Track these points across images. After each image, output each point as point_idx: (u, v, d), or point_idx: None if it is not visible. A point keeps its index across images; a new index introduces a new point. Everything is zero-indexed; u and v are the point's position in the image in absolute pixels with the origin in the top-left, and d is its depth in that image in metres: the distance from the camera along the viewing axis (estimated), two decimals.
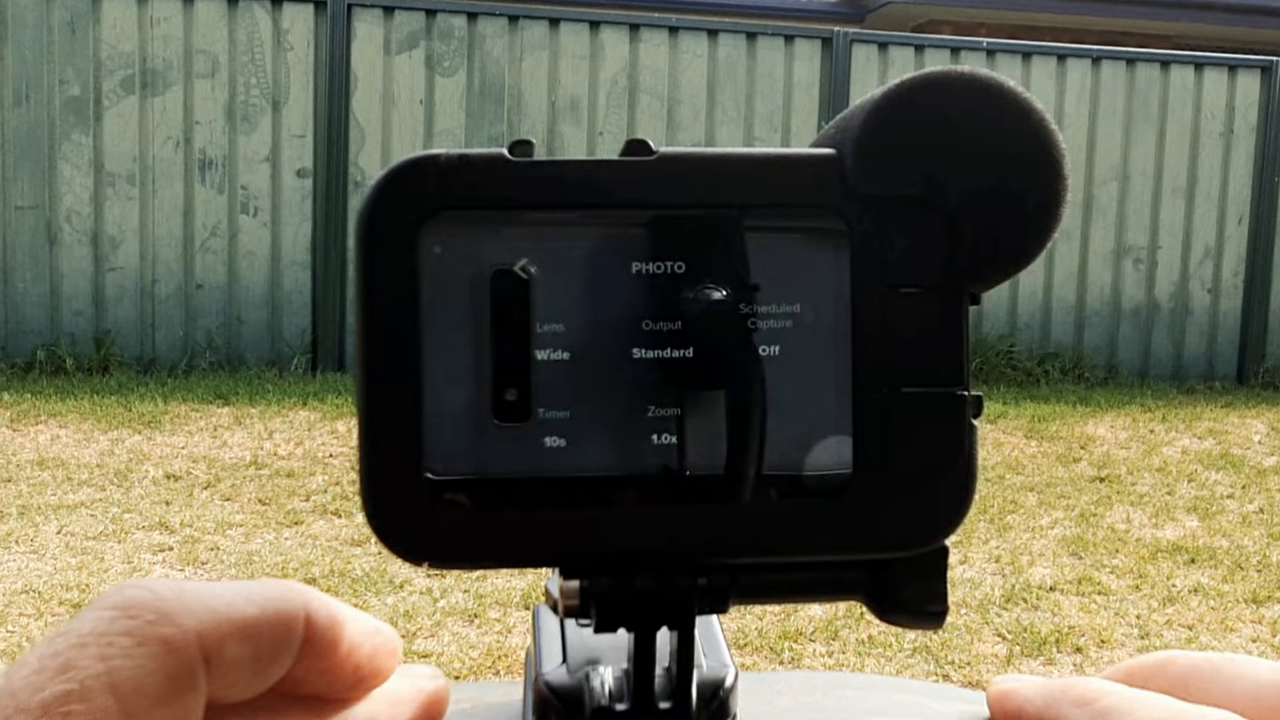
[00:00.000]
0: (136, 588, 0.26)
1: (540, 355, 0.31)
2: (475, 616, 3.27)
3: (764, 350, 0.31)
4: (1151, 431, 6.12)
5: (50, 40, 6.45)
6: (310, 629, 0.28)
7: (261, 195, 6.73)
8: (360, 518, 3.12)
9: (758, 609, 3.20)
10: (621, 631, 0.34)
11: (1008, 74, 0.35)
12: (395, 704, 0.31)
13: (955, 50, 7.50)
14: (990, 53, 7.49)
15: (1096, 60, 7.68)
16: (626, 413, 0.31)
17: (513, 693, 0.43)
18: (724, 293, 0.31)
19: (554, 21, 7.02)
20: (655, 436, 0.32)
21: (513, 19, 6.98)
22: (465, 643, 3.10)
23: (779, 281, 0.31)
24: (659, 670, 0.35)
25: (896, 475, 0.32)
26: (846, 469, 0.32)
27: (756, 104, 7.24)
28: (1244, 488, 5.07)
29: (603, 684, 0.36)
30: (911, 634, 3.12)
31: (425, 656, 2.98)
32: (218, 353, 6.68)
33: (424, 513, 0.31)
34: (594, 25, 7.08)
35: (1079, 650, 3.22)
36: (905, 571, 0.33)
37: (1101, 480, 5.10)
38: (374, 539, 0.31)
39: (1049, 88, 7.50)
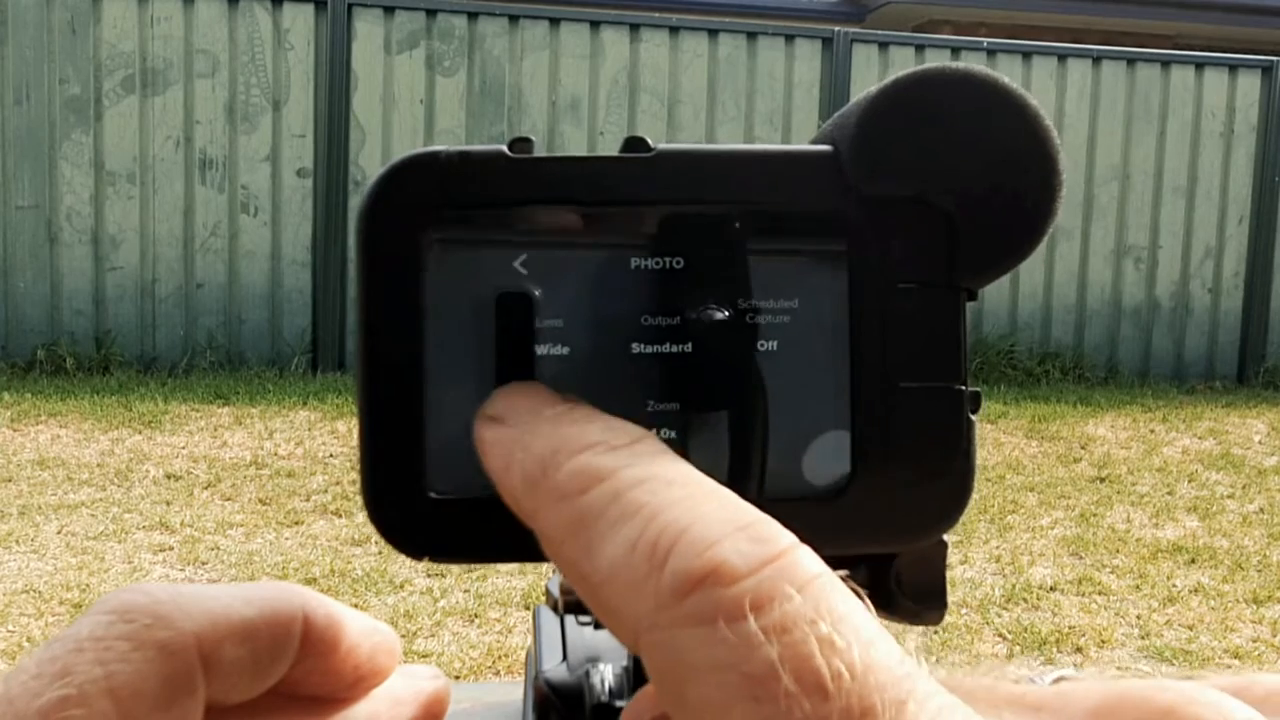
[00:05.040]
0: (133, 592, 0.26)
1: (540, 350, 0.31)
2: (475, 616, 3.27)
3: (762, 346, 0.31)
4: (1152, 431, 6.12)
5: (50, 40, 6.45)
6: (308, 630, 0.28)
7: (262, 195, 6.73)
8: (360, 517, 3.13)
9: None
10: None
11: (1008, 74, 0.35)
12: (396, 704, 0.31)
13: (955, 50, 7.50)
14: (990, 52, 7.49)
15: (1097, 60, 7.67)
16: (626, 407, 0.31)
17: (513, 693, 0.44)
18: (722, 289, 0.31)
19: (554, 21, 7.03)
20: (655, 431, 0.32)
21: (513, 19, 6.98)
22: (465, 642, 3.10)
23: (777, 277, 0.31)
24: None
25: (896, 470, 0.32)
26: (845, 464, 0.32)
27: (757, 103, 7.24)
28: (1244, 488, 5.07)
29: (603, 681, 0.36)
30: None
31: (425, 656, 2.98)
32: (218, 352, 6.68)
33: (423, 507, 0.31)
34: (594, 25, 7.08)
35: (1079, 650, 3.22)
36: (904, 567, 0.33)
37: (1102, 480, 5.10)
38: (375, 537, 0.31)
39: (1049, 87, 7.50)
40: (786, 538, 0.23)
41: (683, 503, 0.23)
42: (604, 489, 0.24)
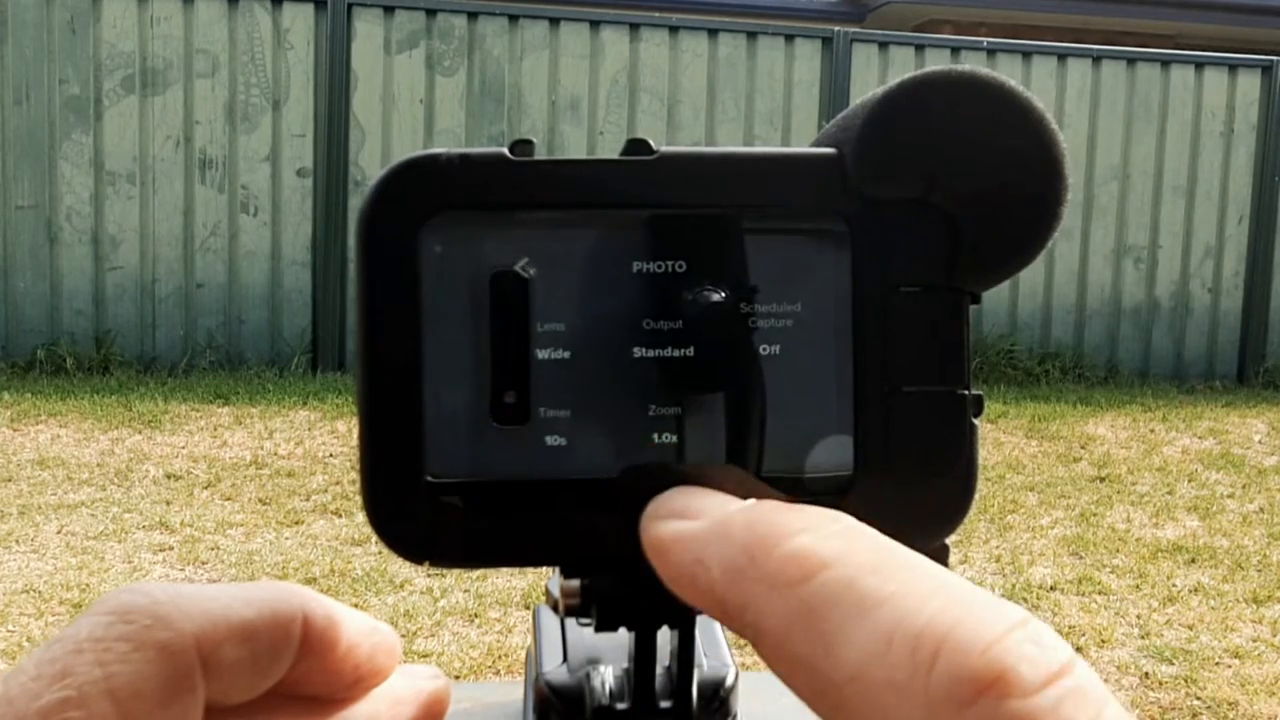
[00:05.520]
0: (133, 592, 0.26)
1: (541, 355, 0.31)
2: (475, 616, 3.27)
3: (764, 349, 0.31)
4: (1152, 431, 6.12)
5: (50, 40, 6.45)
6: (308, 630, 0.28)
7: (262, 195, 6.72)
8: (360, 517, 3.13)
9: None
10: (622, 631, 0.34)
11: (1008, 73, 0.35)
12: (396, 704, 0.31)
13: (955, 50, 7.50)
14: (991, 52, 7.49)
15: (1097, 60, 7.67)
16: (627, 412, 0.31)
17: (513, 693, 0.44)
18: (724, 292, 0.31)
19: (554, 21, 7.02)
20: (656, 435, 0.31)
21: (513, 18, 6.98)
22: (465, 642, 3.10)
23: (780, 281, 0.31)
24: (660, 669, 0.35)
25: (897, 474, 0.32)
26: (847, 469, 0.32)
27: (757, 103, 7.24)
28: (1244, 487, 5.07)
29: (603, 683, 0.36)
30: None
31: (425, 656, 2.98)
32: (218, 352, 6.68)
33: (424, 512, 0.31)
34: (594, 25, 7.08)
35: (1079, 650, 3.22)
36: None
37: (1102, 480, 5.10)
38: (375, 539, 0.31)
39: (1049, 87, 7.50)
40: (1065, 644, 0.21)
41: (935, 592, 0.21)
42: (834, 575, 0.22)
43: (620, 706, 0.35)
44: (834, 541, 0.23)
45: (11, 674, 0.25)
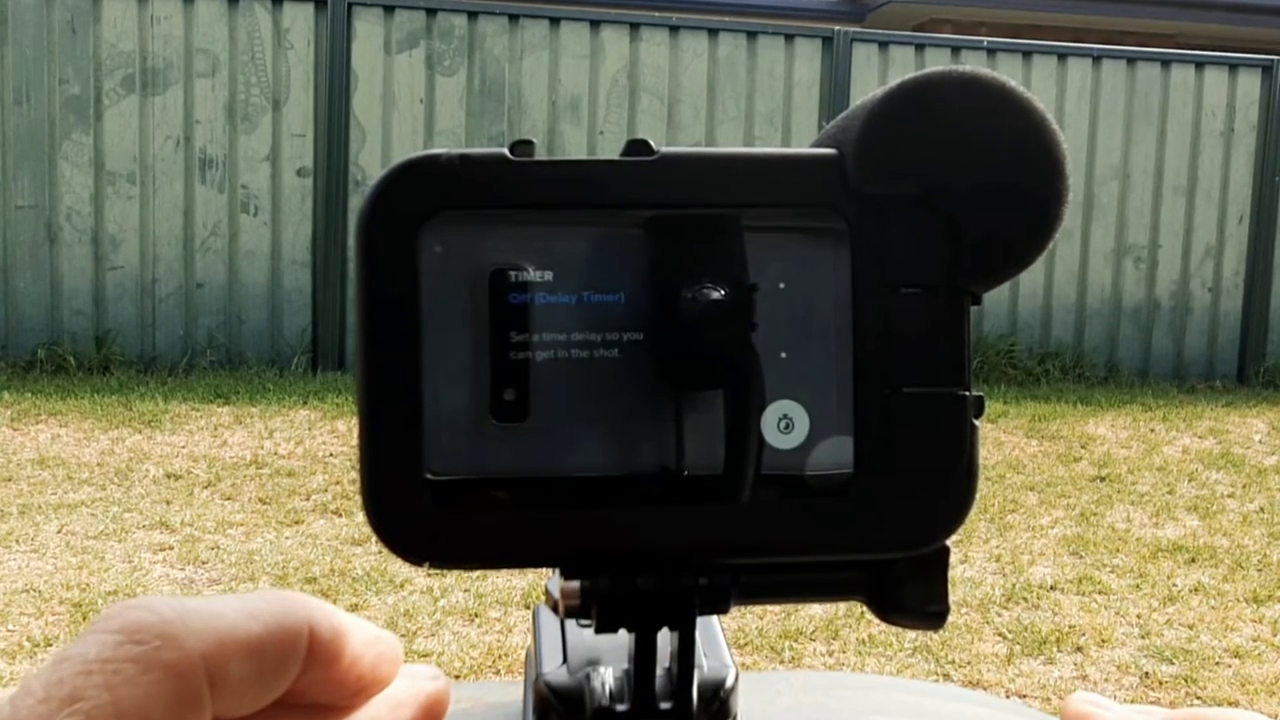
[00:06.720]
0: (139, 609, 0.26)
1: (540, 355, 0.31)
2: (475, 616, 3.27)
3: (764, 349, 0.31)
4: (1152, 431, 6.12)
5: (50, 39, 6.45)
6: (314, 642, 0.28)
7: (262, 194, 6.73)
8: (360, 517, 3.13)
9: (758, 609, 3.20)
10: (622, 632, 0.34)
11: (1008, 73, 0.35)
12: (396, 706, 0.31)
13: (956, 49, 7.50)
14: (991, 52, 7.49)
15: (1097, 59, 7.67)
16: (626, 412, 0.31)
17: (513, 693, 0.44)
18: (724, 292, 0.31)
19: (554, 21, 7.02)
20: (656, 434, 0.31)
21: (513, 18, 6.98)
22: (465, 642, 3.10)
23: (780, 281, 0.31)
24: (660, 670, 0.35)
25: (898, 475, 0.32)
26: (847, 469, 0.32)
27: (757, 103, 7.24)
28: (1244, 487, 5.07)
29: (603, 684, 0.36)
30: (912, 634, 3.12)
31: (425, 656, 2.98)
32: (218, 352, 6.68)
33: (424, 513, 0.31)
34: (594, 24, 7.08)
35: (1079, 650, 3.22)
36: (906, 572, 0.33)
37: (1102, 479, 5.10)
38: (374, 539, 0.31)
39: (1049, 87, 7.50)
40: None
41: None
42: None
43: (620, 708, 0.35)
44: None
45: (19, 695, 0.25)
